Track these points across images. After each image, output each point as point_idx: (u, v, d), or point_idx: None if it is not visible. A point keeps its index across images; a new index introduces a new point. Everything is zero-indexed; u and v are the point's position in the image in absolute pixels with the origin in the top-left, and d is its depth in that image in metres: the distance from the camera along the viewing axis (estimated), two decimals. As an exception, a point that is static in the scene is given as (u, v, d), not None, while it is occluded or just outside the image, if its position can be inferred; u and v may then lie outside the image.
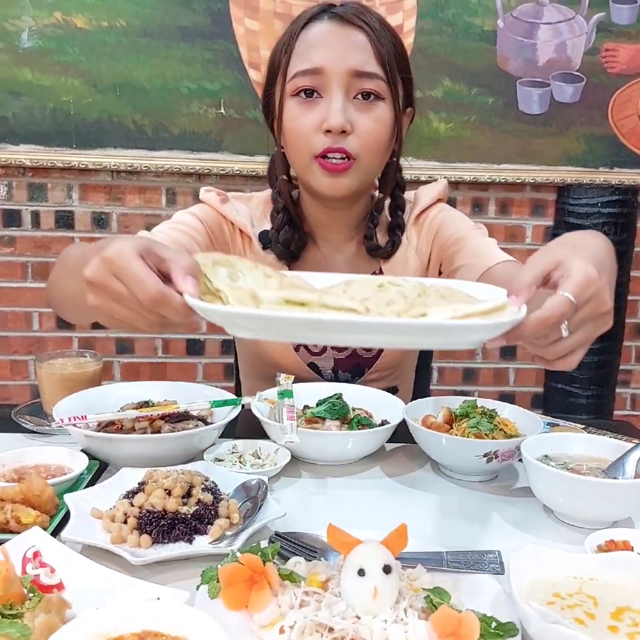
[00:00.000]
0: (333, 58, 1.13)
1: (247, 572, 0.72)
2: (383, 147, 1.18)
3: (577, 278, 0.71)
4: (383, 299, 0.73)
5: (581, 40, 2.48)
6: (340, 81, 1.13)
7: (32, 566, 0.74)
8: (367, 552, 0.69)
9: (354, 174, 1.17)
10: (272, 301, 0.66)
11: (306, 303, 0.66)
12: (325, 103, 1.14)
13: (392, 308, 0.71)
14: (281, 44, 1.19)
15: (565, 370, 0.77)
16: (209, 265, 0.73)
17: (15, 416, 1.18)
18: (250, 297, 0.67)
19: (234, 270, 0.75)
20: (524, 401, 2.70)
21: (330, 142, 1.13)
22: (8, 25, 2.31)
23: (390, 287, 0.76)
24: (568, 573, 0.76)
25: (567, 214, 2.57)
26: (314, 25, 1.16)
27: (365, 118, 1.15)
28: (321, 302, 0.65)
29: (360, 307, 0.67)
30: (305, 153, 1.16)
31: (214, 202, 1.30)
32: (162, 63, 2.38)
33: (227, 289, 0.68)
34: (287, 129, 1.18)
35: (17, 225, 2.46)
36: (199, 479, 0.92)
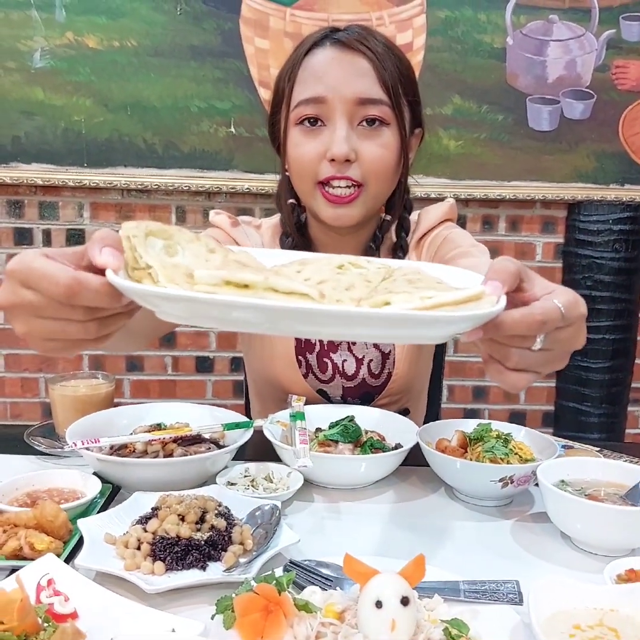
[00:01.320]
0: (336, 86, 1.12)
1: (263, 602, 0.71)
2: (389, 173, 1.17)
3: (569, 295, 0.68)
4: (342, 283, 0.64)
5: (591, 57, 2.48)
6: (344, 109, 1.12)
7: (46, 594, 0.74)
8: (385, 583, 0.68)
9: (360, 203, 1.16)
10: (209, 282, 0.56)
11: (250, 285, 0.56)
12: (329, 131, 1.13)
13: (352, 294, 0.61)
14: (284, 72, 1.18)
15: (510, 390, 0.72)
16: (141, 236, 0.61)
17: (27, 438, 1.17)
18: (185, 276, 0.58)
19: (171, 242, 0.64)
20: (534, 419, 2.69)
21: (334, 170, 1.13)
22: (20, 46, 2.33)
23: (352, 269, 0.68)
24: (588, 604, 0.75)
25: (578, 231, 2.56)
26: (317, 52, 1.15)
27: (369, 145, 1.14)
28: (267, 285, 0.56)
29: (314, 291, 0.57)
30: (309, 180, 1.16)
31: (225, 225, 1.29)
32: (173, 82, 2.39)
33: (158, 265, 0.58)
34: (290, 157, 1.17)
35: (28, 243, 2.47)
36: (212, 505, 0.91)
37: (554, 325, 0.67)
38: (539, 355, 0.69)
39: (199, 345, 2.59)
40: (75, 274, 0.60)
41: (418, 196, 1.34)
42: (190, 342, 2.59)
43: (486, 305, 0.59)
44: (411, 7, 2.41)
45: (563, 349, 0.72)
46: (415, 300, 0.58)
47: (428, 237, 1.32)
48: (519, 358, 0.68)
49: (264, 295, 0.55)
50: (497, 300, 0.60)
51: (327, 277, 0.64)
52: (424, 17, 2.42)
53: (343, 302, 0.59)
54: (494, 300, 0.60)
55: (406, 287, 0.62)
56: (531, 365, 0.70)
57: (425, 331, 0.60)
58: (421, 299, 0.58)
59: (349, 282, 0.64)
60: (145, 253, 0.60)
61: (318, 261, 0.68)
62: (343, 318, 0.56)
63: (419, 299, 0.58)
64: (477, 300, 0.59)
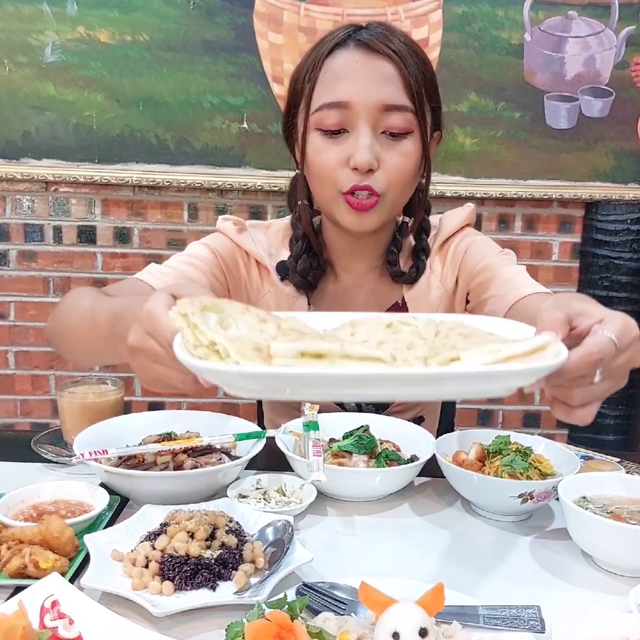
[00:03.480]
0: (360, 91, 1.08)
1: (275, 628, 0.68)
2: (410, 180, 1.15)
3: (618, 322, 0.69)
4: (401, 343, 0.65)
5: (610, 54, 2.43)
6: (368, 116, 1.09)
7: (50, 617, 0.71)
8: (402, 613, 0.65)
9: (380, 210, 1.13)
10: (286, 354, 0.57)
11: (326, 354, 0.57)
12: (352, 138, 1.10)
13: (415, 353, 0.63)
14: (304, 71, 1.14)
15: (581, 423, 0.73)
16: (198, 313, 0.63)
17: (35, 445, 1.15)
18: (254, 350, 0.58)
19: (223, 315, 0.66)
20: (549, 421, 2.65)
21: (356, 179, 1.10)
22: (32, 40, 2.30)
23: (402, 327, 0.69)
24: (614, 634, 0.72)
25: (595, 230, 2.52)
26: (340, 53, 1.11)
27: (392, 154, 1.11)
28: (343, 353, 0.57)
29: (386, 355, 0.60)
30: (331, 188, 1.13)
31: (230, 232, 1.26)
32: (185, 77, 2.36)
33: (226, 341, 0.58)
34: (311, 162, 1.14)
35: (39, 240, 2.45)
36: (223, 521, 0.88)
37: (611, 357, 0.68)
38: (600, 386, 0.71)
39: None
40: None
41: (433, 194, 1.30)
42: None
43: (550, 354, 0.60)
44: (427, 2, 2.36)
45: (622, 372, 0.73)
46: (485, 355, 0.58)
47: (451, 242, 1.30)
48: (582, 396, 0.70)
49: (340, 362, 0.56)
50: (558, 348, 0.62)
51: (383, 338, 0.66)
52: (440, 12, 2.37)
53: (410, 362, 0.61)
54: (557, 350, 0.61)
55: (464, 342, 0.64)
56: (595, 397, 0.71)
57: (501, 384, 0.62)
58: (491, 353, 0.59)
59: (407, 341, 0.65)
60: (208, 330, 0.60)
61: (367, 321, 0.70)
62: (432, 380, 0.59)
63: (489, 352, 0.59)
64: (542, 350, 0.61)
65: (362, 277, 1.29)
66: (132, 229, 2.47)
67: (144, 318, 0.71)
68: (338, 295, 1.29)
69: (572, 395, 0.70)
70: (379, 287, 1.29)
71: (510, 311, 1.11)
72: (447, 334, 0.68)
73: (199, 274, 1.20)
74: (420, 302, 1.28)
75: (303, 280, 1.24)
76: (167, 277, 1.17)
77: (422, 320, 0.71)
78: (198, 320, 0.61)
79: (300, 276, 1.24)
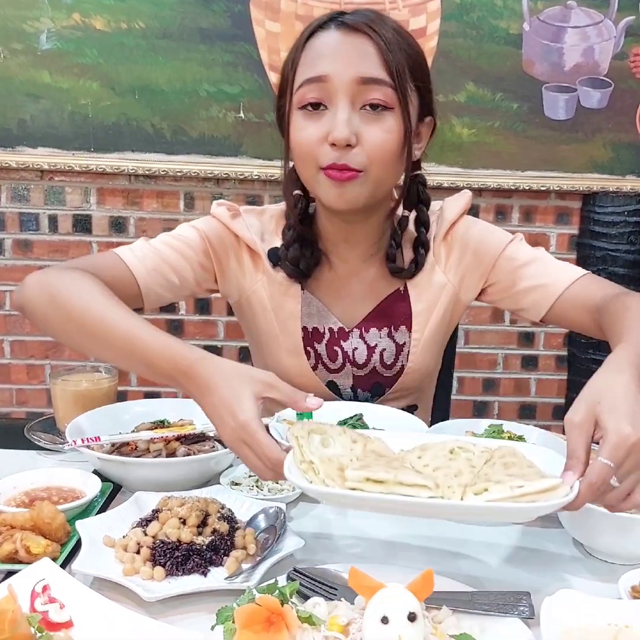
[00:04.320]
0: (338, 66, 1.08)
1: (265, 613, 0.68)
2: (393, 158, 1.13)
3: (610, 441, 0.76)
4: (452, 470, 0.80)
5: (609, 45, 2.42)
6: (346, 90, 1.08)
7: (41, 601, 0.72)
8: (391, 598, 0.65)
9: (363, 184, 1.12)
10: (355, 479, 0.76)
11: (384, 481, 0.75)
12: (331, 114, 1.10)
13: (460, 480, 0.78)
14: (290, 57, 1.15)
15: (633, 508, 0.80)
16: (305, 435, 0.83)
17: (28, 433, 1.15)
18: (338, 470, 0.78)
19: (325, 436, 0.85)
20: (545, 412, 2.65)
21: (335, 156, 1.09)
22: (27, 27, 2.29)
23: (461, 454, 0.83)
24: (602, 620, 0.72)
25: (593, 222, 2.51)
26: (321, 34, 1.12)
27: (372, 129, 1.10)
28: (397, 480, 0.75)
29: (430, 483, 0.75)
30: (311, 165, 1.13)
31: (224, 218, 1.26)
32: (182, 65, 2.35)
33: (318, 462, 0.79)
34: (293, 141, 1.15)
35: (34, 229, 2.44)
36: (215, 507, 0.88)
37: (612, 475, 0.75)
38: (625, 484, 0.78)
39: (207, 334, 2.57)
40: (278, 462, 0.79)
41: (430, 185, 1.29)
42: (198, 331, 2.56)
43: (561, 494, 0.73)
44: (425, -9, 2.35)
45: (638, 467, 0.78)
46: (507, 490, 0.73)
47: (455, 230, 1.29)
48: (612, 497, 0.78)
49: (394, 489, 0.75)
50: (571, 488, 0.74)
51: (441, 464, 0.81)
52: (439, 1, 2.35)
53: (453, 488, 0.76)
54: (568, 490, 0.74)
55: (502, 474, 0.77)
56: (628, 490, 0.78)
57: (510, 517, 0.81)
58: (511, 489, 0.73)
59: (458, 468, 0.80)
60: (309, 452, 0.80)
61: (435, 446, 0.85)
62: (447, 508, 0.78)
63: (510, 488, 0.73)
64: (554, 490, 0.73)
65: (358, 265, 1.28)
66: (128, 218, 2.46)
67: (239, 428, 0.82)
68: (333, 284, 1.29)
69: (605, 501, 0.79)
70: (377, 276, 1.29)
71: (556, 306, 1.23)
72: (495, 462, 0.81)
73: (179, 258, 1.22)
74: (422, 291, 1.28)
75: (295, 269, 1.24)
76: (148, 261, 1.18)
77: (479, 448, 0.85)
78: (304, 442, 0.82)
79: (292, 265, 1.24)
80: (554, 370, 2.65)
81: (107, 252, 1.21)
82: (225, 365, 0.89)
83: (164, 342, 0.93)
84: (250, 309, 1.30)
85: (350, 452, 0.84)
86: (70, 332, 1.04)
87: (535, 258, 1.27)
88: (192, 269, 1.23)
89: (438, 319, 1.30)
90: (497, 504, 0.73)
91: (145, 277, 1.18)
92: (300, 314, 1.27)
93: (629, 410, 0.78)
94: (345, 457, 0.82)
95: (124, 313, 0.99)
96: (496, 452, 0.84)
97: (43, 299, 1.06)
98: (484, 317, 2.59)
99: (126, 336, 0.95)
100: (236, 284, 1.29)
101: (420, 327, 1.29)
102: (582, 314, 1.21)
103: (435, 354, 1.35)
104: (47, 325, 1.07)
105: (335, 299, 1.29)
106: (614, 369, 0.86)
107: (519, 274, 1.27)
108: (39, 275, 1.10)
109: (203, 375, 0.88)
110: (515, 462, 0.81)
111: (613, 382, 0.84)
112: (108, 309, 0.99)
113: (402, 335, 1.29)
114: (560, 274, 1.25)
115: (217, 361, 0.89)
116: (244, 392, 0.85)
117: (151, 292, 1.19)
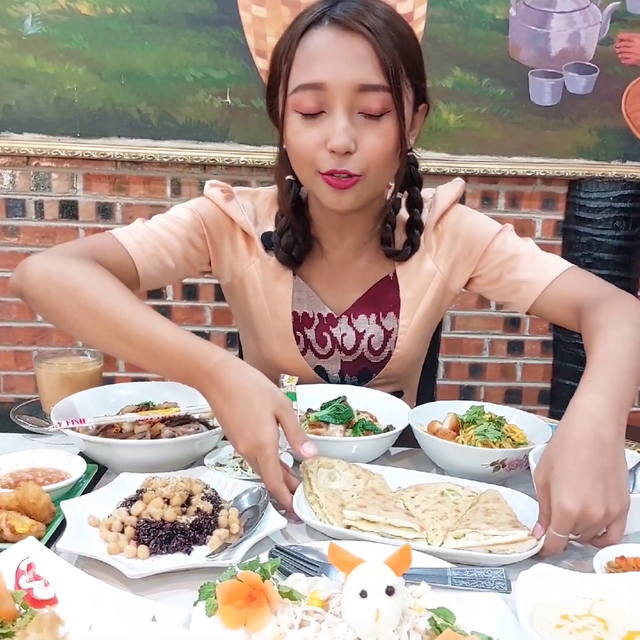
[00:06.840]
0: (334, 72, 1.07)
1: (246, 589, 0.69)
2: (390, 160, 1.13)
3: (555, 517, 0.83)
4: (439, 513, 0.90)
5: (595, 30, 2.43)
6: (343, 97, 1.07)
7: (25, 579, 0.72)
8: (369, 572, 0.67)
9: (360, 189, 1.13)
10: (352, 518, 0.87)
11: (376, 522, 0.86)
12: (329, 120, 1.09)
13: (444, 524, 0.88)
14: (281, 51, 1.13)
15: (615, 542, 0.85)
16: (315, 470, 0.96)
17: (14, 416, 1.16)
18: (339, 505, 0.90)
19: (333, 470, 0.98)
20: (531, 397, 2.68)
21: (335, 163, 1.09)
22: (11, 12, 2.27)
23: (450, 497, 0.94)
24: (577, 594, 0.74)
25: (578, 208, 2.53)
26: (314, 32, 1.09)
27: (370, 135, 1.10)
28: (386, 522, 0.86)
29: (416, 526, 0.86)
30: (309, 169, 1.13)
31: (217, 199, 1.26)
32: (168, 51, 2.34)
33: (322, 498, 0.91)
34: (290, 143, 1.14)
35: (20, 215, 2.44)
36: (199, 487, 0.90)
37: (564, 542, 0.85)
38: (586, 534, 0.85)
39: (195, 320, 2.57)
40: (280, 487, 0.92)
41: (418, 170, 1.30)
42: (186, 317, 2.57)
43: (529, 545, 0.84)
44: (412, -24, 2.35)
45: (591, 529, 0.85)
46: (480, 538, 0.84)
47: (446, 219, 1.30)
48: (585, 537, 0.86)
49: (384, 529, 0.86)
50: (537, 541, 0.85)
51: (430, 506, 0.91)
52: (426, -14, 2.36)
53: (437, 531, 0.87)
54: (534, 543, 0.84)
55: (481, 521, 0.86)
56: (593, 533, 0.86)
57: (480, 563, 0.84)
58: (485, 537, 0.83)
59: (444, 512, 0.90)
60: (316, 486, 0.93)
61: (428, 487, 0.96)
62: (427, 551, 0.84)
63: (484, 536, 0.84)
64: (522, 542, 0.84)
65: (350, 253, 1.29)
66: (114, 204, 2.46)
67: (255, 447, 0.91)
68: (325, 271, 1.29)
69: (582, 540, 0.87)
70: (368, 263, 1.30)
71: (542, 299, 1.24)
72: (478, 507, 0.91)
73: (176, 242, 1.21)
74: (412, 278, 1.29)
75: (287, 256, 1.25)
76: (147, 246, 1.18)
77: (467, 492, 0.95)
78: (312, 477, 0.95)
79: (285, 251, 1.24)
80: (540, 355, 2.67)
81: (105, 235, 1.20)
82: (247, 376, 0.94)
83: (184, 340, 0.97)
84: (243, 291, 1.30)
85: (353, 487, 0.95)
86: (88, 328, 1.03)
87: (523, 252, 1.27)
88: (188, 252, 1.23)
89: (426, 307, 1.31)
90: (469, 553, 0.83)
91: (144, 262, 1.18)
92: (291, 299, 1.28)
93: (574, 480, 0.83)
94: (347, 492, 0.94)
95: (147, 311, 1.01)
96: (482, 497, 0.94)
97: (56, 291, 1.04)
98: (470, 303, 2.60)
99: (150, 336, 0.98)
100: (229, 266, 1.29)
101: (409, 314, 1.30)
102: (563, 310, 1.22)
103: (423, 341, 1.36)
104: (57, 317, 1.06)
105: (326, 286, 1.30)
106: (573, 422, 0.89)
107: (506, 267, 1.27)
108: (44, 263, 1.07)
109: (224, 382, 0.93)
110: (496, 508, 0.90)
111: (567, 444, 0.87)
112: (132, 305, 1.01)
113: (390, 321, 1.30)
114: (545, 268, 1.25)
115: (239, 368, 0.95)
116: (266, 413, 0.92)
117: (148, 276, 1.19)
